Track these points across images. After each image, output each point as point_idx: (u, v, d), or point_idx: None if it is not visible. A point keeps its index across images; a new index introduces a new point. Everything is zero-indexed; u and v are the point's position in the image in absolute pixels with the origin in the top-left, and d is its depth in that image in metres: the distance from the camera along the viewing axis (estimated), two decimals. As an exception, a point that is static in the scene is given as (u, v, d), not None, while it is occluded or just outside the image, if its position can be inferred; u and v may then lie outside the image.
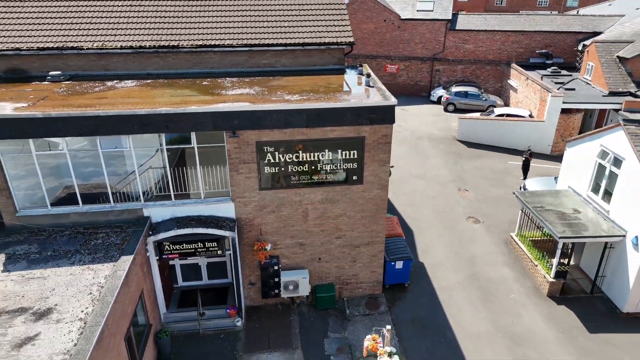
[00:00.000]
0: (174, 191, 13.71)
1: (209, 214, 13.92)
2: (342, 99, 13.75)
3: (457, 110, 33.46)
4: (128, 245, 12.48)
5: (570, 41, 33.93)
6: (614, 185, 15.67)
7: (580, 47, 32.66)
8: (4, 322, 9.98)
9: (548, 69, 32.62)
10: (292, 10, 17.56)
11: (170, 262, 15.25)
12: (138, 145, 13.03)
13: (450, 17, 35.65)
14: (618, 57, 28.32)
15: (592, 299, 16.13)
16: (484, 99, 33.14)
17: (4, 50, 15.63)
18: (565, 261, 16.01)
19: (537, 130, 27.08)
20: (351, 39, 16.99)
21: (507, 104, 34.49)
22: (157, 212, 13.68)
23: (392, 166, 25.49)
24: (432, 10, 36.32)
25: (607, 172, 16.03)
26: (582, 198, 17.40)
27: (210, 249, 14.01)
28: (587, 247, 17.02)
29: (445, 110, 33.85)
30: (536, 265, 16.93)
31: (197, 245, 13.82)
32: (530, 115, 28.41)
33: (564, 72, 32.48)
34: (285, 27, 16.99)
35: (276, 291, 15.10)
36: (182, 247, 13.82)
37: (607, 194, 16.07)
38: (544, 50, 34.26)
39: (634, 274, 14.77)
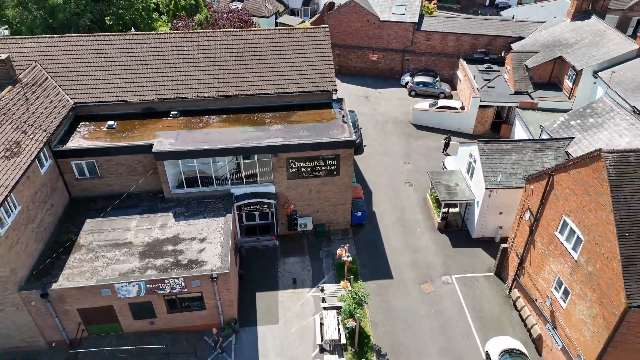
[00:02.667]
0: (245, 179, 27.62)
1: (262, 191, 27.90)
2: (328, 135, 27.18)
3: (417, 95, 46.16)
4: (227, 208, 26.59)
5: (503, 42, 45.69)
6: (474, 172, 29.51)
7: (503, 53, 44.62)
8: (188, 243, 24.37)
9: (484, 65, 44.85)
10: (302, 69, 30.11)
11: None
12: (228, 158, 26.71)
13: (417, 20, 47.08)
14: (525, 65, 40.68)
15: (460, 231, 30.64)
16: (436, 87, 45.74)
17: (145, 100, 28.75)
18: (447, 210, 30.33)
19: (464, 118, 40.28)
20: (335, 87, 29.99)
21: (454, 89, 47.09)
22: (237, 190, 27.65)
23: (365, 145, 39.07)
24: (403, 14, 47.61)
25: (471, 165, 29.79)
26: (463, 177, 31.32)
27: (262, 207, 28.21)
28: (462, 204, 31.20)
29: (409, 95, 46.53)
30: (434, 213, 31.29)
31: (257, 207, 28.03)
32: (462, 107, 41.34)
33: (495, 67, 44.71)
34: (299, 80, 29.82)
35: (295, 227, 29.53)
36: (250, 207, 28.02)
37: (471, 176, 29.97)
38: (483, 49, 46.23)
39: (476, 218, 29.12)
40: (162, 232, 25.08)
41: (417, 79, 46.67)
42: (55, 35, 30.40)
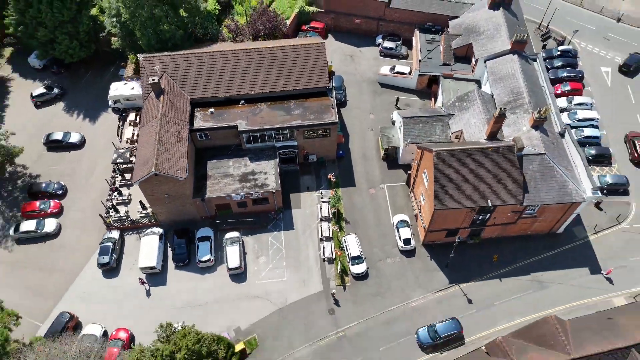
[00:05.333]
0: (282, 139, 54.56)
1: (290, 144, 55.04)
2: (324, 118, 53.23)
3: (386, 56, 69.06)
4: (274, 154, 54.08)
5: (444, 19, 66.57)
6: (402, 130, 55.95)
7: (440, 33, 66.22)
8: (258, 174, 52.58)
9: (430, 36, 66.81)
10: (308, 73, 54.50)
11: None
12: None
13: (387, 0, 67.57)
14: (450, 44, 63.32)
15: (394, 160, 58.39)
16: (398, 51, 68.58)
17: (226, 96, 54.02)
18: (387, 148, 57.67)
19: (409, 81, 64.63)
20: (328, 85, 54.90)
21: (411, 49, 69.70)
22: (278, 144, 54.82)
23: (347, 100, 64.99)
24: (379, -6, 67.80)
25: (400, 127, 56.08)
26: (397, 130, 57.80)
27: (292, 152, 55.72)
28: (398, 148, 58.20)
29: (380, 55, 69.42)
30: (381, 150, 58.67)
31: (288, 152, 55.56)
32: (410, 72, 65.13)
33: (437, 37, 66.75)
34: (307, 79, 54.55)
35: (307, 160, 57.43)
36: (284, 152, 55.52)
37: (400, 132, 56.48)
38: (430, 23, 67.62)
39: (401, 154, 56.72)
40: (245, 169, 53.06)
41: (385, 44, 69.18)
42: (171, 53, 54.15)
